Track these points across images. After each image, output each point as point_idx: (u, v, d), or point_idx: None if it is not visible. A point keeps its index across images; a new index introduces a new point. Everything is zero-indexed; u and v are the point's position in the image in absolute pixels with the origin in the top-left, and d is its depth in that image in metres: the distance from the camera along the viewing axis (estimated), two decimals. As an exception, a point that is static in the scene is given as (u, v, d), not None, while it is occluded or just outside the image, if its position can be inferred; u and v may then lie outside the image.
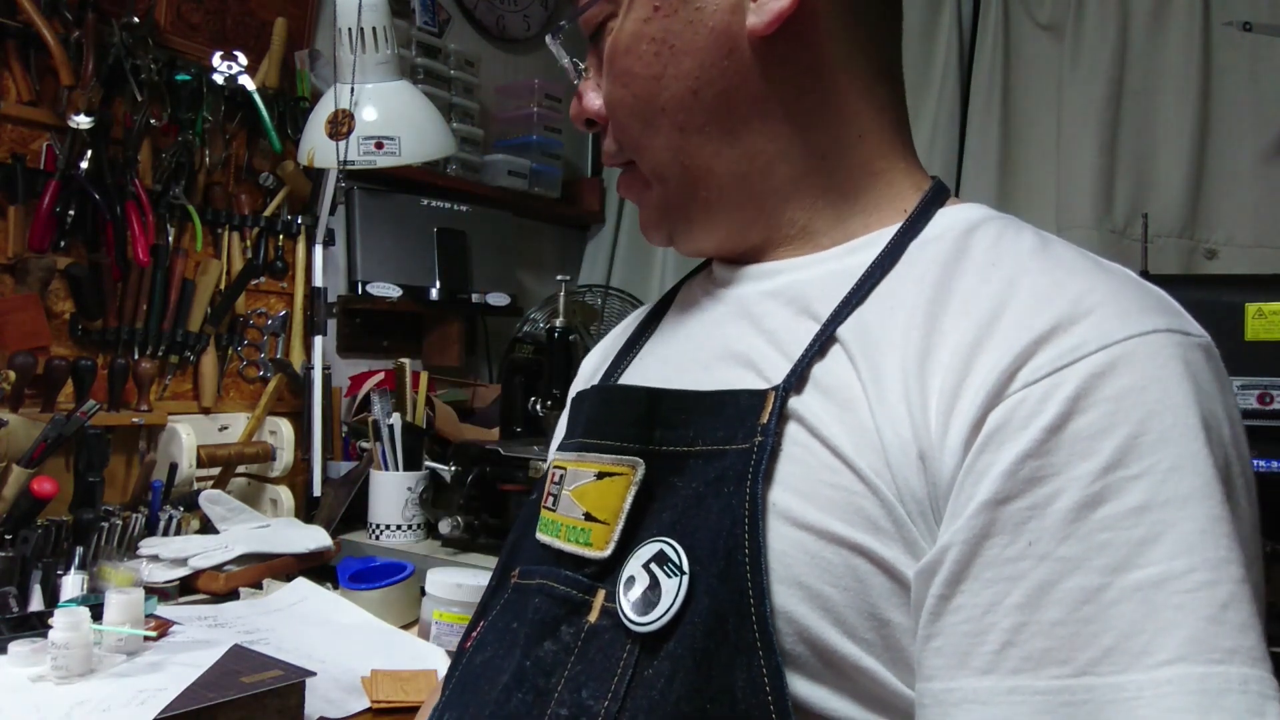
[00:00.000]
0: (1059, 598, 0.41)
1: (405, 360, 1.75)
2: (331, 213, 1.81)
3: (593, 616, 0.54)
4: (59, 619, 0.87)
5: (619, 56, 0.59)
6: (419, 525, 1.57)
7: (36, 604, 1.18)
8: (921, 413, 0.47)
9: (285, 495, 1.66)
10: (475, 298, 2.08)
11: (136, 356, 1.56)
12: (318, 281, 1.82)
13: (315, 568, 1.44)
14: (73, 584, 1.17)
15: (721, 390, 0.55)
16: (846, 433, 0.49)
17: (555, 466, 0.61)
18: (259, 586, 1.36)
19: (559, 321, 1.79)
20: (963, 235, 0.54)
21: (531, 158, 2.23)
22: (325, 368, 1.81)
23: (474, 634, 0.63)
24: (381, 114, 1.60)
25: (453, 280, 2.03)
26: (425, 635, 1.20)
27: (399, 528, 1.56)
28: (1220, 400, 0.45)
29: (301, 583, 1.34)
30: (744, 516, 0.49)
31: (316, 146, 1.62)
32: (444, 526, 1.47)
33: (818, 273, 0.57)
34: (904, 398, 0.48)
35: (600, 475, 0.56)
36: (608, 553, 0.54)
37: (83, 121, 1.43)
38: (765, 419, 0.51)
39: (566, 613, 0.55)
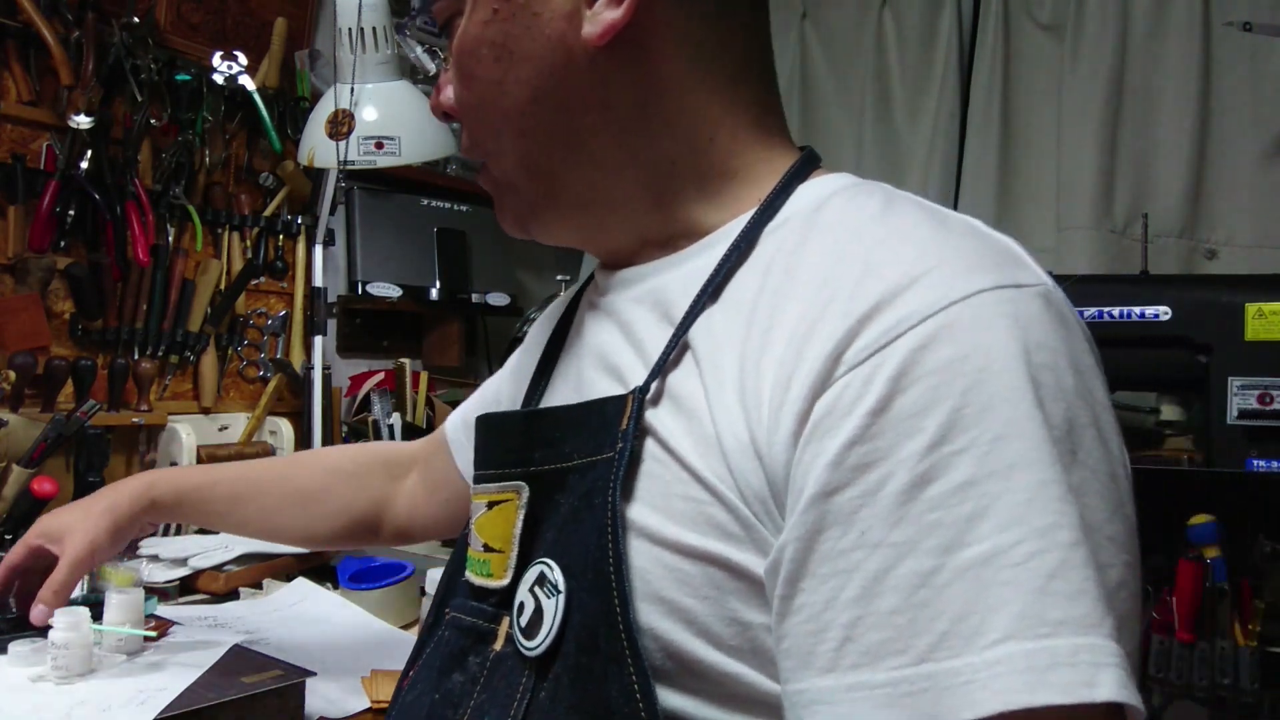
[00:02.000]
0: (894, 585, 0.40)
1: (405, 360, 1.75)
2: (331, 213, 1.81)
3: (498, 645, 0.54)
4: (59, 619, 0.87)
5: (462, 57, 0.58)
6: (419, 525, 1.57)
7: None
8: (756, 410, 0.46)
9: (285, 495, 1.65)
10: (475, 298, 2.08)
11: (136, 356, 1.56)
12: (318, 281, 1.82)
13: (315, 568, 1.44)
14: (73, 584, 1.17)
15: (589, 401, 0.55)
16: (693, 444, 0.49)
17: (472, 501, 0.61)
18: (259, 586, 1.36)
19: (559, 321, 1.79)
20: (811, 213, 0.53)
21: (531, 158, 2.23)
22: (325, 368, 1.81)
23: (410, 673, 0.63)
24: (381, 114, 1.60)
25: (453, 280, 2.03)
26: (425, 635, 1.20)
27: (399, 528, 1.56)
28: (1062, 349, 0.43)
29: (301, 583, 1.34)
30: (607, 528, 0.49)
31: (316, 146, 1.62)
32: (444, 526, 1.46)
33: (677, 274, 0.57)
34: (740, 398, 0.47)
35: (490, 505, 0.57)
36: (506, 581, 0.54)
37: (83, 121, 1.43)
38: (624, 425, 0.51)
39: (473, 643, 0.56)
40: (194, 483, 0.96)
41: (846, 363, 0.43)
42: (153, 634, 0.99)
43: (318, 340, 1.81)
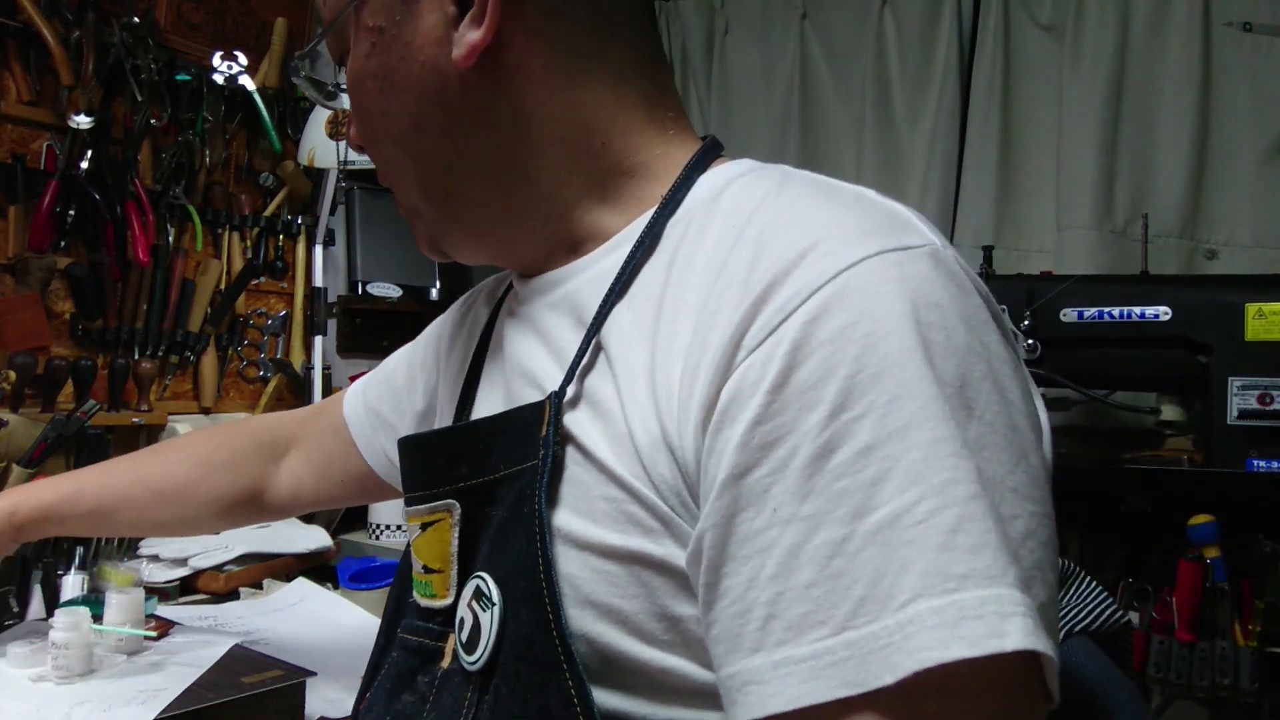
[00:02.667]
0: (809, 558, 0.40)
1: (405, 360, 1.75)
2: (331, 213, 1.81)
3: (445, 663, 0.55)
4: (59, 619, 0.87)
5: (353, 93, 0.59)
6: (419, 525, 1.57)
7: (37, 604, 1.18)
8: (667, 402, 0.47)
9: (285, 495, 1.65)
10: (475, 298, 2.08)
11: (136, 356, 1.56)
12: (318, 281, 1.82)
13: (315, 568, 1.44)
14: (73, 584, 1.17)
15: (509, 410, 0.56)
16: (609, 444, 0.49)
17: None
18: (259, 586, 1.36)
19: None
20: (710, 203, 0.53)
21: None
22: (325, 368, 1.81)
23: (366, 695, 0.63)
24: (381, 114, 1.60)
25: (453, 280, 2.03)
26: (425, 635, 1.20)
27: (399, 528, 1.56)
28: (952, 306, 0.43)
29: (302, 583, 1.34)
30: (536, 535, 0.49)
31: (316, 146, 1.62)
32: (444, 526, 1.46)
33: (586, 277, 0.57)
34: (650, 392, 0.48)
35: (424, 526, 0.57)
36: (449, 599, 0.55)
37: (83, 121, 1.43)
38: (544, 431, 0.51)
39: (421, 662, 0.57)
40: (57, 499, 0.94)
41: (746, 346, 0.43)
42: (153, 634, 0.99)
43: (318, 340, 1.81)
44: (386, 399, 0.86)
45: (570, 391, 0.52)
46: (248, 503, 0.96)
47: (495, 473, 0.54)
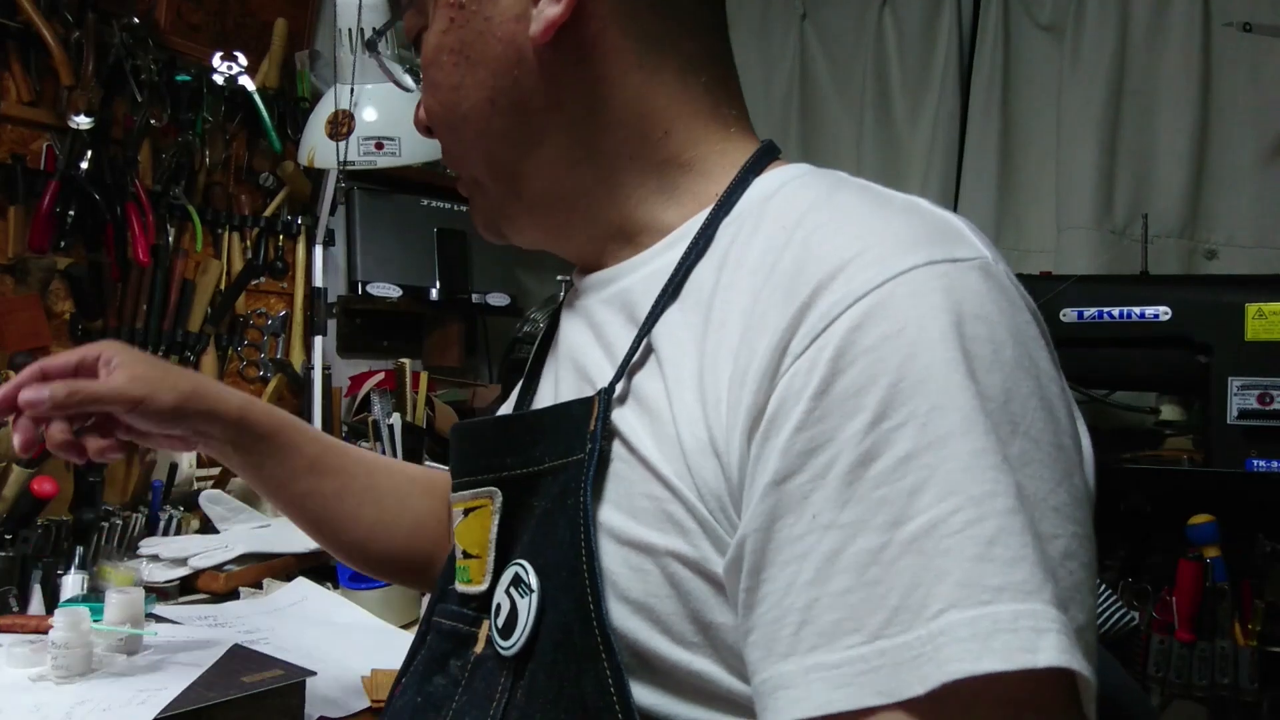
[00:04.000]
0: (845, 565, 0.40)
1: (405, 360, 1.75)
2: (331, 213, 1.81)
3: (479, 647, 0.55)
4: (59, 619, 0.87)
5: (427, 68, 0.60)
6: (419, 525, 1.57)
7: (37, 604, 1.18)
8: (715, 407, 0.47)
9: (285, 495, 1.65)
10: (475, 298, 2.08)
11: (137, 357, 1.56)
12: (318, 282, 1.82)
13: (315, 567, 1.44)
14: (73, 584, 1.17)
15: (558, 404, 0.56)
16: (655, 443, 0.49)
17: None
18: (259, 586, 1.36)
19: (559, 322, 1.79)
20: (762, 205, 0.53)
21: (531, 158, 2.23)
22: (325, 368, 1.81)
23: (402, 679, 0.64)
24: (381, 114, 1.60)
25: (453, 280, 2.03)
26: (425, 635, 1.20)
27: (399, 528, 1.56)
28: (1001, 321, 0.43)
29: (302, 582, 1.34)
30: (580, 526, 0.49)
31: (317, 147, 1.62)
32: (444, 526, 1.46)
33: (641, 274, 0.57)
34: (699, 395, 0.48)
35: (467, 511, 0.58)
36: (485, 585, 0.55)
37: (83, 122, 1.43)
38: (592, 426, 0.51)
39: (454, 646, 0.57)
40: (290, 424, 0.82)
41: (792, 353, 0.43)
42: (153, 633, 0.99)
43: (318, 340, 1.81)
44: None
45: (619, 389, 0.53)
46: (427, 552, 0.84)
47: (539, 464, 0.54)
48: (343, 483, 0.82)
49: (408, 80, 0.69)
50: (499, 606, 0.53)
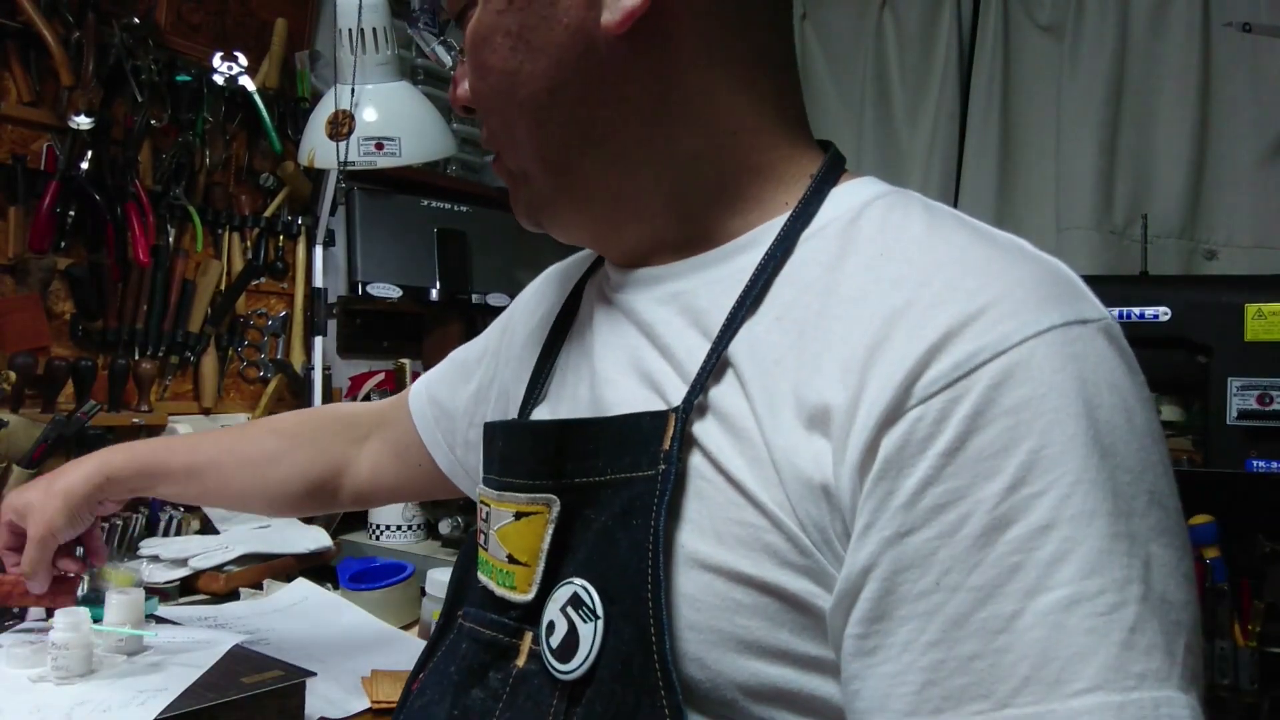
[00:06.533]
0: (975, 629, 0.40)
1: (405, 361, 1.75)
2: (332, 213, 1.81)
3: (520, 661, 0.54)
4: (59, 619, 0.87)
5: (477, 48, 0.56)
6: (419, 525, 1.57)
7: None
8: (818, 439, 0.45)
9: (285, 496, 1.65)
10: (475, 298, 2.08)
11: (137, 357, 1.56)
12: (318, 282, 1.82)
13: (315, 568, 1.44)
14: (73, 584, 1.17)
15: (625, 415, 0.53)
16: (746, 465, 0.48)
17: (481, 502, 0.60)
18: (259, 587, 1.36)
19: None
20: (848, 225, 0.51)
21: (531, 158, 2.23)
22: (325, 368, 1.81)
23: (420, 675, 0.62)
24: (382, 115, 1.60)
25: (453, 280, 2.03)
26: (425, 635, 1.20)
27: (399, 528, 1.56)
28: (1130, 389, 0.43)
29: (302, 583, 1.34)
30: (649, 553, 0.48)
31: (317, 147, 1.62)
32: (444, 527, 1.47)
33: (704, 279, 0.55)
34: (798, 424, 0.46)
35: (518, 515, 0.55)
36: (530, 596, 0.53)
37: (83, 122, 1.43)
38: (667, 445, 0.49)
39: (494, 658, 0.55)
40: (150, 456, 0.94)
41: (918, 394, 0.42)
42: (153, 634, 0.99)
43: (318, 341, 1.81)
44: (449, 382, 0.85)
45: (695, 402, 0.50)
46: (328, 484, 0.95)
47: (601, 475, 0.52)
48: (220, 473, 0.94)
49: (444, 56, 0.66)
50: (552, 624, 0.51)
